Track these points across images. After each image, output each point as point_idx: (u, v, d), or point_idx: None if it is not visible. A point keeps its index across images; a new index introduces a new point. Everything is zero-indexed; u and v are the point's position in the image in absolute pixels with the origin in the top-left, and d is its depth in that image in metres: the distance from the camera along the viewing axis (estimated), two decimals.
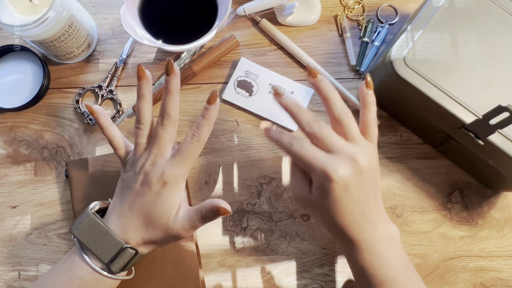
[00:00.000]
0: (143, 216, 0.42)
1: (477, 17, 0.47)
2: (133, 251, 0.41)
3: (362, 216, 0.41)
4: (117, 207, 0.43)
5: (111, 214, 0.43)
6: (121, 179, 0.44)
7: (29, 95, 0.54)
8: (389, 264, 0.42)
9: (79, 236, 0.41)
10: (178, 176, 0.42)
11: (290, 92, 0.55)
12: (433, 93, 0.44)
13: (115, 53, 0.57)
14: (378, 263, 0.41)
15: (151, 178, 0.41)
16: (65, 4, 0.47)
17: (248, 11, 0.55)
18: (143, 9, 0.53)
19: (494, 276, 0.51)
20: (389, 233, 0.43)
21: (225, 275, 0.51)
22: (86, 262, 0.41)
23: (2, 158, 0.54)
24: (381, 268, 0.41)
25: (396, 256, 0.42)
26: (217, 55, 0.55)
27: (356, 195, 0.40)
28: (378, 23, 0.57)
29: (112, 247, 0.41)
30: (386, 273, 0.41)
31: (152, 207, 0.41)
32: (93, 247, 0.41)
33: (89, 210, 0.42)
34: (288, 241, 0.52)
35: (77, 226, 0.41)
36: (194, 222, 0.42)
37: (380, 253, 0.42)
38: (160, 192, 0.41)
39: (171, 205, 0.42)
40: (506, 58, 0.46)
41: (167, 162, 0.42)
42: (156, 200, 0.41)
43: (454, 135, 0.47)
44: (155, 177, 0.41)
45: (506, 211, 0.53)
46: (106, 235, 0.41)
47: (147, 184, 0.41)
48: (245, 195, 0.53)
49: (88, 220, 0.41)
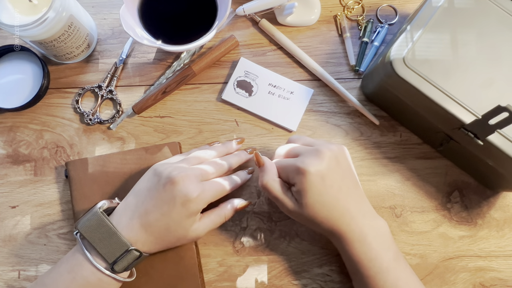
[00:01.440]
0: (158, 226, 0.42)
1: (476, 17, 0.47)
2: (137, 253, 0.42)
3: (345, 207, 0.43)
4: (132, 208, 0.43)
5: (122, 214, 0.42)
6: (146, 179, 0.45)
7: (29, 95, 0.54)
8: (381, 255, 0.42)
9: (85, 234, 0.41)
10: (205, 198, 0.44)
11: (290, 92, 0.55)
12: (433, 93, 0.44)
13: (115, 53, 0.57)
14: (371, 254, 0.42)
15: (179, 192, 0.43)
16: (65, 4, 0.47)
17: (248, 11, 0.55)
18: (143, 9, 0.53)
19: (493, 276, 0.51)
20: (377, 224, 0.44)
21: (225, 275, 0.51)
22: (90, 261, 0.41)
23: (2, 158, 0.54)
24: (374, 260, 0.42)
25: (387, 246, 0.43)
26: (216, 55, 0.55)
27: (333, 181, 0.42)
28: (377, 23, 0.58)
29: (118, 248, 0.41)
30: (380, 264, 0.42)
31: (172, 220, 0.43)
32: (99, 246, 0.41)
33: (98, 209, 0.42)
34: (288, 241, 0.52)
35: (84, 224, 0.41)
36: (215, 225, 0.47)
37: (371, 244, 0.43)
38: (187, 205, 0.42)
39: (193, 220, 0.44)
40: (506, 58, 0.46)
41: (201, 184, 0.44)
42: (181, 207, 0.42)
43: (454, 135, 0.47)
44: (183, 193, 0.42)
45: (506, 211, 0.53)
46: (113, 235, 0.41)
47: (173, 197, 0.42)
48: (245, 195, 0.53)
49: (96, 218, 0.41)
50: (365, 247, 0.43)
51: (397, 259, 0.43)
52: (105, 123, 0.54)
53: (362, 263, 0.43)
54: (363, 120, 0.55)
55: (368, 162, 0.54)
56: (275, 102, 0.54)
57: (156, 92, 0.54)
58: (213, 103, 0.55)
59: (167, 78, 0.56)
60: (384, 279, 0.42)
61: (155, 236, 0.42)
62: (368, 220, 0.44)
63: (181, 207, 0.42)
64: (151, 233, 0.42)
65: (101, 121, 0.54)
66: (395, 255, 0.44)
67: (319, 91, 0.55)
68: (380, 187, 0.53)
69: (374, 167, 0.54)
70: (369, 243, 0.43)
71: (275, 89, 0.55)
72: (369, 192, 0.53)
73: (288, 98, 0.54)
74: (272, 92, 0.55)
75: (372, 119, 0.54)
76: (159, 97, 0.54)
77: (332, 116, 0.55)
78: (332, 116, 0.55)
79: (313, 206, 0.42)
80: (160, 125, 0.55)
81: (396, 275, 0.42)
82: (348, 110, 0.55)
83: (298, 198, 0.43)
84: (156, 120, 0.55)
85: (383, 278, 0.42)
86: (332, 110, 0.55)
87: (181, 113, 0.55)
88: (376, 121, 0.54)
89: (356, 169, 0.53)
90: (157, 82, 0.56)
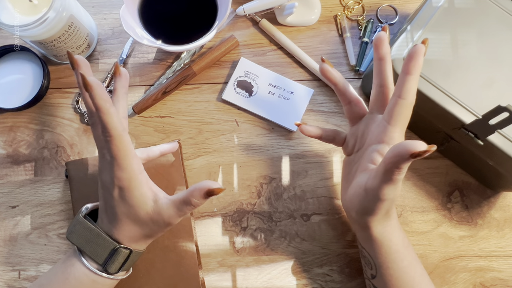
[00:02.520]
0: (124, 215, 0.41)
1: (477, 17, 0.47)
2: (127, 250, 0.41)
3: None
4: (103, 209, 0.42)
5: (103, 216, 0.43)
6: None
7: (29, 95, 0.54)
8: (409, 242, 0.43)
9: (74, 240, 0.41)
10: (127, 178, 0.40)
11: (290, 92, 0.55)
12: (433, 93, 0.44)
13: (115, 53, 0.57)
14: (405, 240, 0.42)
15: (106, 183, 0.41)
16: (65, 4, 0.47)
17: (248, 11, 0.55)
18: (143, 9, 0.53)
19: (493, 276, 0.51)
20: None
21: (225, 275, 0.51)
22: (82, 263, 0.41)
23: (2, 158, 0.54)
24: (408, 247, 0.42)
25: (404, 234, 0.43)
26: (217, 55, 0.55)
27: None
28: (378, 23, 0.58)
29: (104, 248, 0.41)
30: (412, 252, 0.42)
31: (122, 206, 0.41)
32: (87, 250, 0.41)
33: (79, 215, 0.42)
34: (288, 241, 0.52)
35: (70, 231, 0.42)
36: (181, 210, 0.40)
37: (401, 230, 0.43)
38: (121, 194, 0.40)
39: (140, 201, 0.40)
40: (506, 58, 0.46)
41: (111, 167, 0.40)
42: (122, 200, 0.40)
43: (454, 135, 0.47)
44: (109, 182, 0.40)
45: (506, 211, 0.53)
46: (98, 237, 0.41)
47: (107, 189, 0.41)
48: (245, 195, 0.53)
49: (79, 224, 0.42)
50: (402, 233, 0.42)
51: (407, 246, 0.44)
52: None
53: (400, 252, 0.42)
54: None
55: None
56: (275, 102, 0.54)
57: (156, 92, 0.54)
58: (213, 103, 0.55)
59: (167, 78, 0.56)
60: (415, 269, 0.42)
61: (130, 226, 0.41)
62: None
63: (116, 182, 0.40)
64: (126, 223, 0.41)
65: None
66: (404, 240, 0.44)
67: (319, 91, 0.55)
68: None
69: None
70: (401, 229, 0.43)
71: (275, 89, 0.55)
72: None
73: (288, 98, 0.54)
74: (272, 92, 0.55)
75: None
76: (159, 97, 0.54)
77: (332, 116, 0.55)
78: (332, 116, 0.55)
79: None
80: (160, 125, 0.55)
81: (419, 264, 0.43)
82: None
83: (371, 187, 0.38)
84: (156, 120, 0.55)
85: (414, 268, 0.42)
86: (332, 110, 0.55)
87: (181, 113, 0.55)
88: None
89: None
90: (157, 82, 0.56)
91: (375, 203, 0.38)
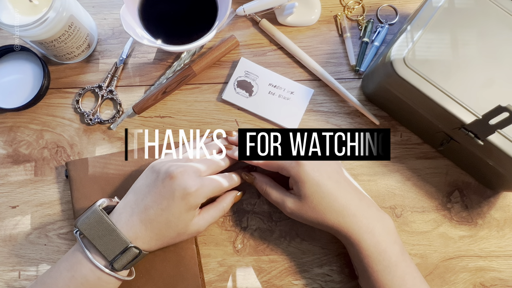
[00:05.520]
0: (159, 221, 0.42)
1: (477, 17, 0.47)
2: (137, 250, 0.42)
3: (347, 198, 0.44)
4: (132, 205, 0.43)
5: (122, 211, 0.43)
6: (145, 177, 0.45)
7: (29, 95, 0.54)
8: (390, 248, 0.43)
9: (85, 231, 0.41)
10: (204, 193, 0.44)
11: (290, 92, 0.55)
12: (433, 93, 0.44)
13: (115, 53, 0.57)
14: (380, 247, 0.43)
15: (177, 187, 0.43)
16: (65, 4, 0.47)
17: (248, 11, 0.55)
18: (143, 9, 0.53)
19: (493, 276, 0.51)
20: (382, 216, 0.45)
21: (225, 275, 0.51)
22: (89, 259, 0.41)
23: (2, 158, 0.54)
24: (383, 253, 0.42)
25: (393, 240, 0.44)
26: (217, 55, 0.55)
27: (329, 174, 0.44)
28: (378, 23, 0.58)
29: (117, 245, 0.41)
30: (389, 258, 0.42)
31: (171, 215, 0.42)
32: (98, 244, 0.41)
33: (97, 207, 0.42)
34: (288, 241, 0.52)
35: (83, 221, 0.41)
36: (215, 218, 0.46)
37: (380, 236, 0.43)
38: (184, 202, 0.42)
39: (192, 214, 0.44)
40: (506, 58, 0.46)
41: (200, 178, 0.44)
42: (177, 210, 0.42)
43: (454, 135, 0.47)
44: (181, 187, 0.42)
45: (506, 211, 0.53)
46: (113, 233, 0.41)
47: (171, 192, 0.42)
48: (245, 195, 0.53)
49: (95, 216, 0.41)
50: (374, 239, 0.42)
51: (403, 253, 0.44)
52: (105, 123, 0.54)
53: (372, 257, 0.42)
54: (363, 120, 0.55)
55: (368, 162, 0.54)
56: (275, 102, 0.54)
57: (156, 92, 0.54)
58: (214, 103, 0.55)
59: (167, 78, 0.56)
60: (393, 273, 0.42)
61: (155, 232, 0.42)
62: (373, 211, 0.44)
63: (180, 201, 0.42)
64: (151, 229, 0.42)
65: (101, 121, 0.54)
66: (401, 249, 0.44)
67: (319, 91, 0.55)
68: (380, 187, 0.53)
69: (374, 167, 0.54)
70: (378, 235, 0.42)
71: (275, 89, 0.55)
72: (369, 192, 0.53)
73: (289, 98, 0.54)
74: (273, 92, 0.55)
75: (372, 119, 0.54)
76: (159, 97, 0.54)
77: (332, 116, 0.55)
78: (332, 116, 0.55)
79: (312, 197, 0.43)
80: (161, 125, 0.55)
81: (403, 269, 0.42)
82: (349, 110, 0.55)
83: (297, 190, 0.44)
84: (157, 120, 0.55)
85: (391, 272, 0.42)
86: (332, 110, 0.55)
87: (182, 113, 0.55)
88: (376, 121, 0.54)
89: (356, 169, 0.54)
90: (158, 82, 0.56)
91: None
